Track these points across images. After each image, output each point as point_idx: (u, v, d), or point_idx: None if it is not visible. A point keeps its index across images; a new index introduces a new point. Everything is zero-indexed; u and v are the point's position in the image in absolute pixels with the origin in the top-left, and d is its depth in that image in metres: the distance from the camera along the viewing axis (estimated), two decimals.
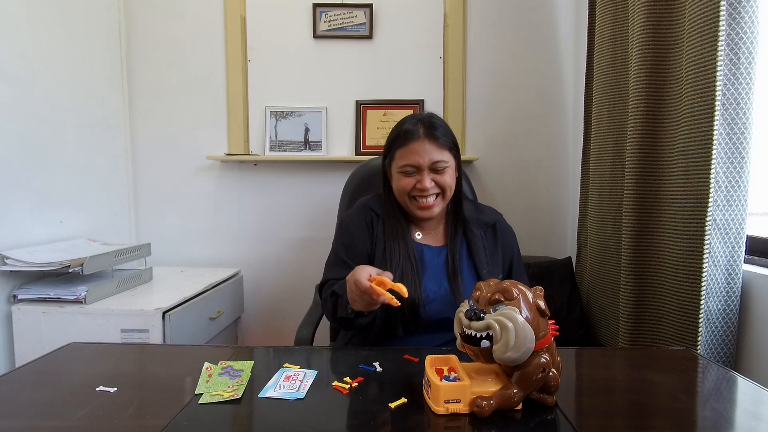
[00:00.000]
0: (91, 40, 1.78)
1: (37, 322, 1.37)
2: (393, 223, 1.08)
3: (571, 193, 2.00)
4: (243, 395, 0.71)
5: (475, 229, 1.10)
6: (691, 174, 1.12)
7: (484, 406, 0.63)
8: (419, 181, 1.02)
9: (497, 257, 1.10)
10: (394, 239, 1.06)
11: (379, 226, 1.09)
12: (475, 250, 1.07)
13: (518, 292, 0.65)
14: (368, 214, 1.11)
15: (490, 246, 1.10)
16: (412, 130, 1.04)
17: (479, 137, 2.01)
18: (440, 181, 1.03)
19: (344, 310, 0.94)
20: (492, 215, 1.16)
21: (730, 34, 1.05)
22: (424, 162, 1.02)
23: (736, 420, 0.67)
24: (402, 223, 1.08)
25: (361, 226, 1.09)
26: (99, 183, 1.82)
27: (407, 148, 1.03)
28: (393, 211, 1.10)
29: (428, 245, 1.09)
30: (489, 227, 1.13)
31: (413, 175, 1.03)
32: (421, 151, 1.02)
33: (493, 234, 1.13)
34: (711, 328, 1.13)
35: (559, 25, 1.98)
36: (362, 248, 1.08)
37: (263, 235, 2.04)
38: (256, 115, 1.99)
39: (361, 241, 1.08)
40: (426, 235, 1.11)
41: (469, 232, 1.10)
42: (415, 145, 1.02)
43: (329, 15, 1.94)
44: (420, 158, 1.02)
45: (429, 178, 1.02)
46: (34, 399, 0.70)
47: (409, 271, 1.02)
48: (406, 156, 1.03)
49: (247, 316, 2.06)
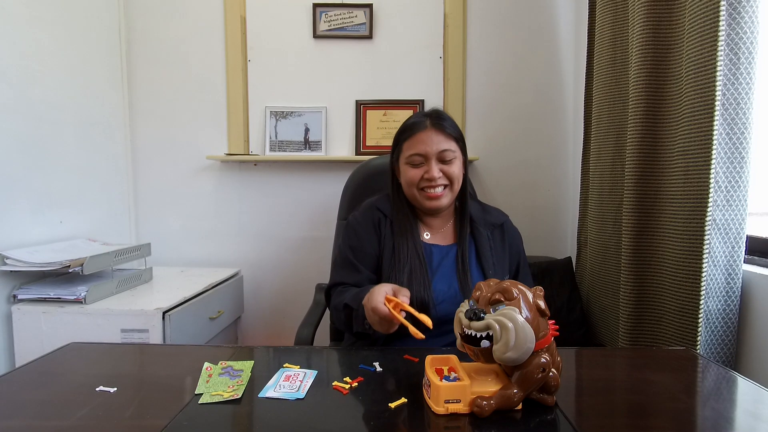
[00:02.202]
0: (91, 40, 1.78)
1: (37, 322, 1.36)
2: (401, 223, 1.07)
3: (571, 193, 2.00)
4: (243, 395, 0.71)
5: (482, 229, 1.10)
6: (691, 174, 1.12)
7: (484, 406, 0.63)
8: (427, 171, 1.03)
9: (504, 258, 1.10)
10: (403, 239, 1.05)
11: (387, 226, 1.08)
12: (482, 251, 1.07)
13: (518, 292, 0.65)
14: (375, 214, 1.11)
15: (497, 246, 1.10)
16: (419, 122, 1.05)
17: (479, 137, 2.01)
18: (448, 171, 1.04)
19: (361, 326, 0.93)
20: (499, 216, 1.16)
21: (729, 34, 1.05)
22: (431, 150, 1.02)
23: (736, 420, 0.67)
24: (410, 223, 1.08)
25: (368, 227, 1.09)
26: (99, 183, 1.82)
27: (414, 138, 1.04)
28: (402, 209, 1.09)
29: (437, 245, 1.09)
30: (496, 228, 1.12)
31: (421, 166, 1.04)
32: (428, 141, 1.03)
33: (500, 235, 1.12)
34: (711, 328, 1.13)
35: (559, 25, 1.98)
36: (370, 250, 1.07)
37: (263, 235, 2.04)
38: (256, 115, 1.99)
39: (369, 243, 1.08)
40: (434, 234, 1.10)
41: (476, 232, 1.10)
42: (422, 135, 1.03)
43: (329, 15, 1.94)
44: (427, 147, 1.02)
45: (437, 167, 1.02)
46: (34, 399, 0.70)
47: (417, 271, 1.01)
48: (413, 146, 1.04)
49: (247, 316, 2.06)
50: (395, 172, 1.12)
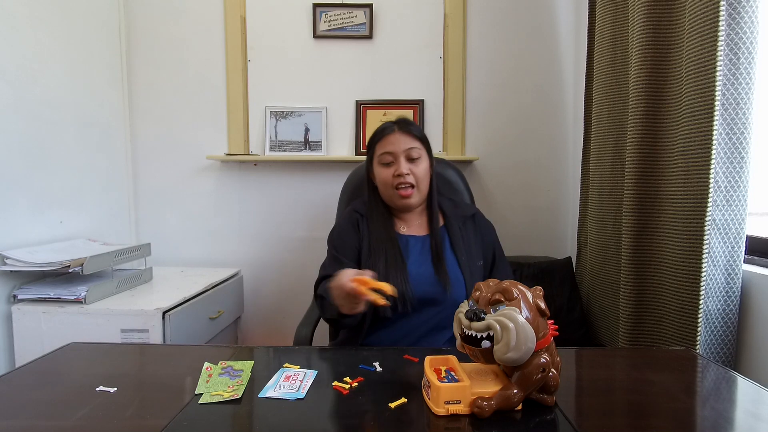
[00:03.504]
0: (91, 40, 1.78)
1: (37, 322, 1.36)
2: (377, 219, 1.19)
3: (571, 193, 2.00)
4: (243, 395, 0.71)
5: (454, 221, 1.21)
6: (690, 174, 1.12)
7: (485, 406, 0.63)
8: (397, 168, 1.15)
9: (477, 246, 1.20)
10: (378, 232, 1.16)
11: (365, 225, 1.19)
12: (455, 240, 1.17)
13: (518, 293, 0.65)
14: (353, 216, 1.22)
15: (468, 236, 1.20)
16: (388, 127, 1.20)
17: (479, 137, 2.01)
18: (414, 171, 1.15)
19: (331, 312, 1.01)
20: (469, 209, 1.27)
21: (729, 35, 1.05)
22: (399, 149, 1.15)
23: (736, 420, 0.67)
24: (385, 218, 1.19)
25: (349, 227, 1.21)
26: (99, 183, 1.82)
27: (385, 140, 1.18)
28: (378, 208, 1.21)
29: (413, 235, 1.19)
30: (468, 219, 1.23)
31: (391, 165, 1.16)
32: (396, 141, 1.16)
33: (472, 225, 1.22)
34: (710, 328, 1.13)
35: (559, 25, 1.98)
36: (351, 244, 1.18)
37: (263, 235, 2.04)
38: (256, 115, 1.99)
39: (350, 239, 1.19)
40: (410, 227, 1.21)
41: (449, 224, 1.20)
42: (391, 137, 1.17)
43: (329, 15, 1.94)
44: (395, 146, 1.16)
45: (405, 165, 1.15)
46: (34, 399, 0.70)
47: (392, 258, 1.11)
48: (383, 146, 1.17)
49: (247, 316, 2.06)
50: (370, 175, 1.23)
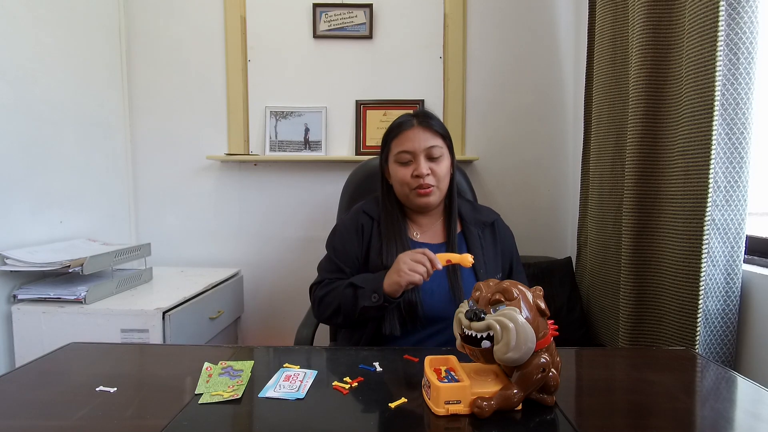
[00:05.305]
0: (91, 40, 1.78)
1: (37, 322, 1.36)
2: (389, 223, 1.09)
3: (571, 193, 2.00)
4: (243, 395, 0.71)
5: (472, 228, 1.11)
6: (690, 174, 1.12)
7: (485, 406, 0.63)
8: (416, 168, 1.04)
9: (496, 256, 1.11)
10: (391, 238, 1.06)
11: (374, 228, 1.09)
12: (474, 250, 1.08)
13: (518, 292, 0.65)
14: (360, 218, 1.12)
15: (488, 245, 1.11)
16: (406, 121, 1.08)
17: (479, 137, 2.01)
18: (435, 170, 1.05)
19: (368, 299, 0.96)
20: (489, 215, 1.17)
21: (729, 35, 1.05)
22: (419, 147, 1.04)
23: (736, 420, 0.67)
24: (399, 223, 1.09)
25: (351, 231, 1.11)
26: (99, 183, 1.82)
27: (402, 136, 1.06)
28: (391, 210, 1.10)
29: (426, 243, 1.10)
30: (487, 226, 1.13)
31: (410, 164, 1.05)
32: (415, 138, 1.04)
33: (491, 233, 1.13)
34: (710, 328, 1.13)
35: (559, 25, 1.98)
36: (351, 252, 1.09)
37: (263, 235, 2.04)
38: (256, 115, 1.99)
39: (351, 246, 1.10)
40: (424, 234, 1.12)
41: (466, 231, 1.11)
42: (409, 133, 1.05)
43: (329, 15, 1.94)
44: (415, 144, 1.04)
45: (425, 164, 1.04)
46: (34, 399, 0.70)
47: None
48: (401, 143, 1.06)
49: (247, 316, 2.06)
50: (385, 173, 1.13)
